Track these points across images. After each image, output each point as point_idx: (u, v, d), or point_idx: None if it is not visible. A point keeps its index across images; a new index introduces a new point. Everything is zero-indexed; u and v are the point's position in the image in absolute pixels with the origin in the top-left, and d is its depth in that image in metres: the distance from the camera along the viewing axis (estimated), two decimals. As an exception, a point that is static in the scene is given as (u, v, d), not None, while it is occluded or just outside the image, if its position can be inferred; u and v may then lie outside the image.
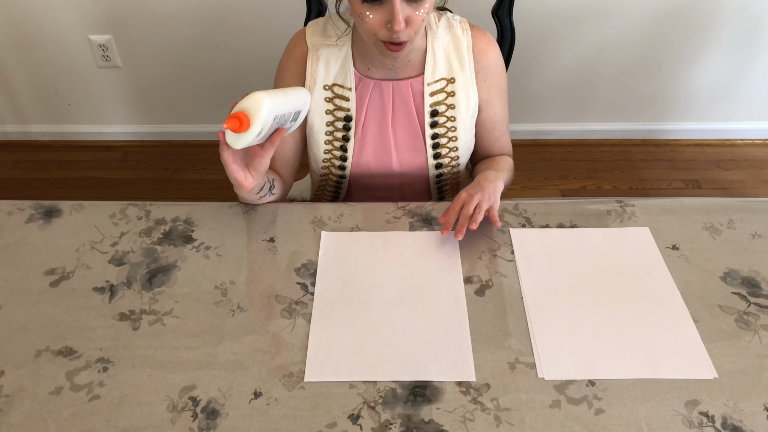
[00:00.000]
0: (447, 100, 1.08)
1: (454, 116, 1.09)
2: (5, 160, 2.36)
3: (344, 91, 1.07)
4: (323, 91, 1.08)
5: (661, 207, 1.06)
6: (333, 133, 1.11)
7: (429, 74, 1.07)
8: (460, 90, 1.08)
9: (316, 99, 1.08)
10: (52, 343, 0.84)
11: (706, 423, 0.75)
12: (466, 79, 1.07)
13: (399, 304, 0.89)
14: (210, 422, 0.75)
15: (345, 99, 1.08)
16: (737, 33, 2.10)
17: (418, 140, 1.11)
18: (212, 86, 2.27)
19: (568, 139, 2.42)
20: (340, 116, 1.09)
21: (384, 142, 1.12)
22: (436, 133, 1.10)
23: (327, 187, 1.20)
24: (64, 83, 2.27)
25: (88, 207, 1.06)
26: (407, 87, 1.07)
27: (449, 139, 1.11)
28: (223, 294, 0.91)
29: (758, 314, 0.88)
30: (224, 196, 2.15)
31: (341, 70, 1.07)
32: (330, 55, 1.06)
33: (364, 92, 1.08)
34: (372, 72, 1.07)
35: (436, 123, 1.09)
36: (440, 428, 0.74)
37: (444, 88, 1.08)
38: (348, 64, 1.06)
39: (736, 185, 2.23)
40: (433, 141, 1.11)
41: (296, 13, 1.96)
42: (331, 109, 1.09)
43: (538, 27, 2.07)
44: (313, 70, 1.07)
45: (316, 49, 1.06)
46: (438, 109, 1.09)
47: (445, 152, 1.13)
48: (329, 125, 1.10)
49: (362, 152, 1.12)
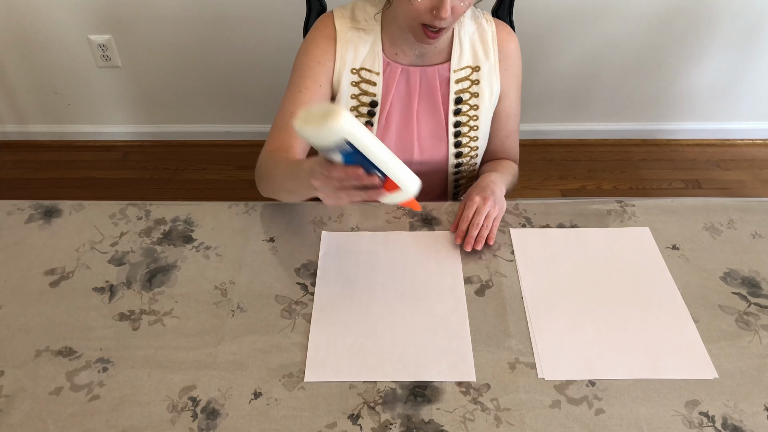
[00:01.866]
0: (471, 88, 1.09)
1: (477, 105, 1.10)
2: (5, 160, 2.36)
3: (371, 76, 1.07)
4: (350, 75, 1.07)
5: (661, 207, 1.06)
6: (356, 118, 1.09)
7: (455, 61, 1.08)
8: (484, 78, 1.09)
9: (344, 83, 1.07)
10: (52, 343, 0.84)
11: (706, 423, 0.75)
12: (491, 68, 1.09)
13: (399, 304, 0.89)
14: (210, 422, 0.75)
15: (371, 83, 1.08)
16: (737, 33, 2.10)
17: (440, 128, 1.12)
18: (212, 86, 2.27)
19: (568, 139, 2.42)
20: (365, 101, 1.09)
21: (407, 129, 1.12)
22: (459, 122, 1.11)
23: None
24: (64, 83, 2.27)
25: (88, 207, 1.06)
26: (434, 73, 1.08)
27: (470, 128, 1.12)
28: (223, 294, 0.91)
29: (758, 314, 0.88)
30: (224, 196, 2.17)
31: (369, 54, 1.06)
32: (359, 39, 1.06)
33: (392, 77, 1.08)
34: (400, 57, 1.07)
35: (459, 111, 1.10)
36: (440, 428, 0.74)
37: (469, 75, 1.09)
38: (377, 49, 1.06)
39: (736, 185, 2.23)
40: (455, 129, 1.12)
41: (296, 13, 1.96)
42: (357, 93, 1.08)
43: (538, 27, 2.07)
44: (342, 52, 1.06)
45: (345, 32, 1.06)
46: (462, 97, 1.10)
47: (466, 141, 1.14)
48: (353, 110, 1.10)
49: (384, 139, 1.12)
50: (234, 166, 2.31)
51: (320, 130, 0.72)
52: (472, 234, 0.96)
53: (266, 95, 2.28)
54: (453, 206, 1.06)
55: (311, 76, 1.06)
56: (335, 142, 0.73)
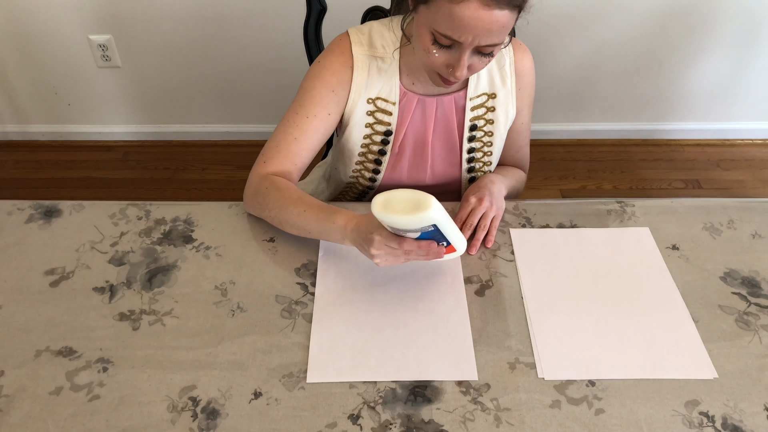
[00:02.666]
0: (486, 115, 1.08)
1: (492, 131, 1.09)
2: (5, 160, 2.36)
3: (387, 105, 1.04)
4: (366, 105, 1.04)
5: (661, 207, 1.06)
6: (369, 146, 1.08)
7: (472, 89, 1.05)
8: (500, 105, 1.07)
9: (357, 113, 1.04)
10: (52, 343, 0.84)
11: (706, 423, 0.75)
12: (507, 94, 1.07)
13: (400, 304, 0.89)
14: (210, 422, 0.75)
15: (387, 113, 1.05)
16: (737, 33, 2.10)
17: (454, 154, 1.11)
18: (212, 86, 2.27)
19: (568, 139, 2.42)
20: (380, 130, 1.06)
21: (421, 157, 1.10)
22: (473, 147, 1.10)
23: (349, 194, 1.20)
24: (64, 83, 2.27)
25: (88, 207, 1.06)
26: (450, 102, 1.06)
27: (484, 154, 1.12)
28: (223, 294, 0.91)
29: (758, 314, 0.88)
30: (224, 196, 2.17)
31: (386, 84, 1.03)
32: (376, 69, 1.02)
33: (407, 107, 1.05)
34: (416, 87, 1.04)
35: (473, 137, 1.09)
36: (440, 428, 0.74)
37: (485, 103, 1.07)
38: (394, 79, 1.02)
39: (736, 185, 2.23)
40: (468, 155, 1.11)
41: (296, 13, 1.96)
42: (371, 122, 1.05)
43: (537, 27, 2.07)
44: (359, 82, 1.02)
45: (362, 59, 1.01)
46: (477, 124, 1.08)
47: (479, 166, 1.13)
48: (366, 138, 1.07)
49: (396, 167, 1.11)
50: (234, 166, 2.31)
51: (410, 218, 0.74)
52: (478, 237, 0.96)
53: (266, 95, 2.28)
54: (454, 207, 1.06)
55: (322, 105, 1.01)
56: (422, 227, 0.76)
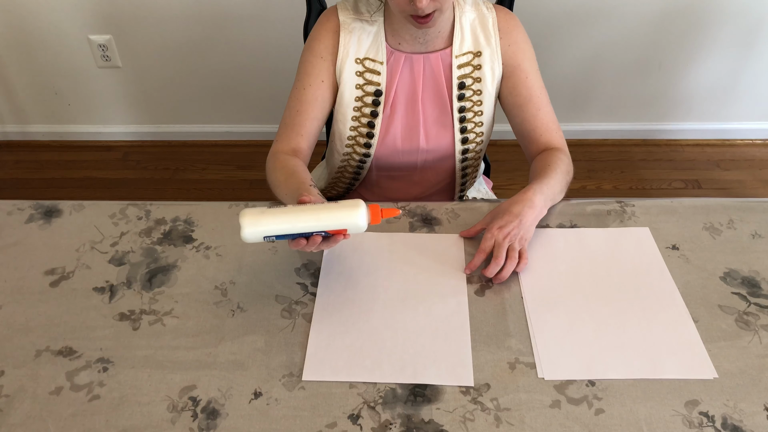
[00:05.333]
0: (473, 73, 1.10)
1: (480, 89, 1.11)
2: (5, 160, 2.36)
3: (375, 65, 1.08)
4: (354, 65, 1.08)
5: (661, 207, 1.06)
6: (361, 109, 1.11)
7: (457, 47, 1.09)
8: (486, 63, 1.10)
9: (347, 73, 1.08)
10: (52, 343, 0.84)
11: (706, 423, 0.75)
12: (492, 52, 1.09)
13: (401, 306, 0.89)
14: (210, 422, 0.75)
15: (376, 73, 1.09)
16: (737, 33, 2.10)
17: (445, 114, 1.13)
18: (212, 86, 2.27)
19: (568, 139, 2.38)
20: (370, 91, 1.10)
21: (413, 117, 1.13)
22: (463, 107, 1.12)
23: (347, 170, 1.21)
24: (64, 83, 2.27)
25: (88, 207, 1.06)
26: (437, 60, 1.09)
27: (475, 114, 1.13)
28: (223, 294, 0.91)
29: (758, 314, 0.88)
30: (224, 196, 2.17)
31: (373, 45, 1.08)
32: (362, 30, 1.07)
33: (395, 66, 1.09)
34: (403, 46, 1.08)
35: (463, 96, 1.11)
36: (440, 428, 0.74)
37: (471, 61, 1.09)
38: (380, 39, 1.07)
39: (736, 185, 2.23)
40: (460, 114, 1.13)
41: (296, 13, 1.96)
42: (361, 83, 1.09)
43: (537, 27, 2.07)
44: (345, 42, 1.07)
45: (348, 23, 1.07)
46: (465, 82, 1.10)
47: (471, 127, 1.14)
48: (358, 100, 1.11)
49: (390, 128, 1.13)
50: (234, 166, 2.31)
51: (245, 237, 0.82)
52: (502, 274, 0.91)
53: (266, 95, 2.28)
54: (454, 206, 1.06)
55: (314, 73, 1.08)
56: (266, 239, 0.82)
